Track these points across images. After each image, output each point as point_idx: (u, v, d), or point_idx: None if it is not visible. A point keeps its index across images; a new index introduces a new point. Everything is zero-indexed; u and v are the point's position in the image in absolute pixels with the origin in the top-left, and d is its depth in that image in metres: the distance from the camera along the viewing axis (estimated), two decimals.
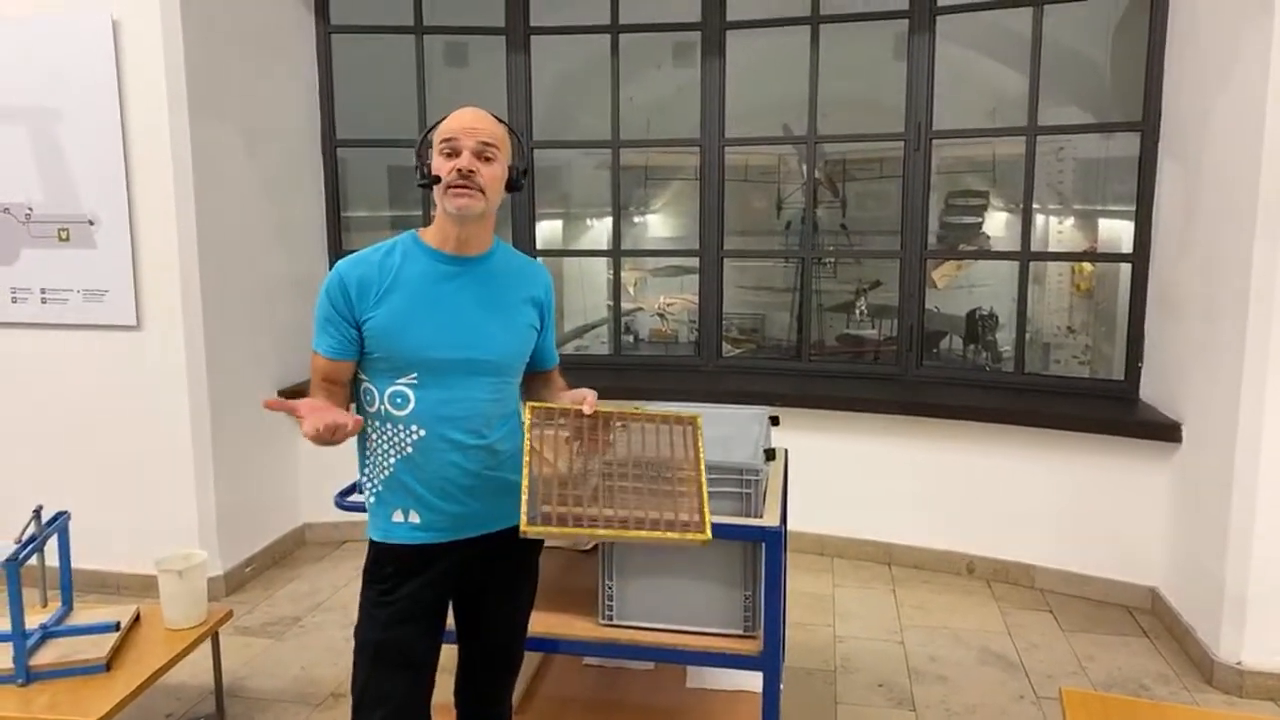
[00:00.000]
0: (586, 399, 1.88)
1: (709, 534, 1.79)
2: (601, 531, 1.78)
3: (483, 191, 1.82)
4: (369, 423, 1.90)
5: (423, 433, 1.85)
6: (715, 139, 4.41)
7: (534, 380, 2.12)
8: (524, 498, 1.74)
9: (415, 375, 1.84)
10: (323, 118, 4.45)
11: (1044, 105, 4.02)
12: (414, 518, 1.89)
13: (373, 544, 1.96)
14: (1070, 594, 3.87)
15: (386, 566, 1.91)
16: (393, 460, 1.88)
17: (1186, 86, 3.55)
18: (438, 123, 1.89)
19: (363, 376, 1.89)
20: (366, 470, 1.94)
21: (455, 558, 1.92)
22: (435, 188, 1.84)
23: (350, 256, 1.90)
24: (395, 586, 1.90)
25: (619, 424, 1.91)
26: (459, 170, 1.80)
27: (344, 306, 1.83)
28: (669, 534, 1.79)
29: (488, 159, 1.83)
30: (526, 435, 1.80)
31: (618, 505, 1.81)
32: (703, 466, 1.88)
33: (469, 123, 1.84)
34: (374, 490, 1.93)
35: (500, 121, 1.91)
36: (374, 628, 1.91)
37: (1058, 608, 3.77)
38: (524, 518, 1.73)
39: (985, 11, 4.10)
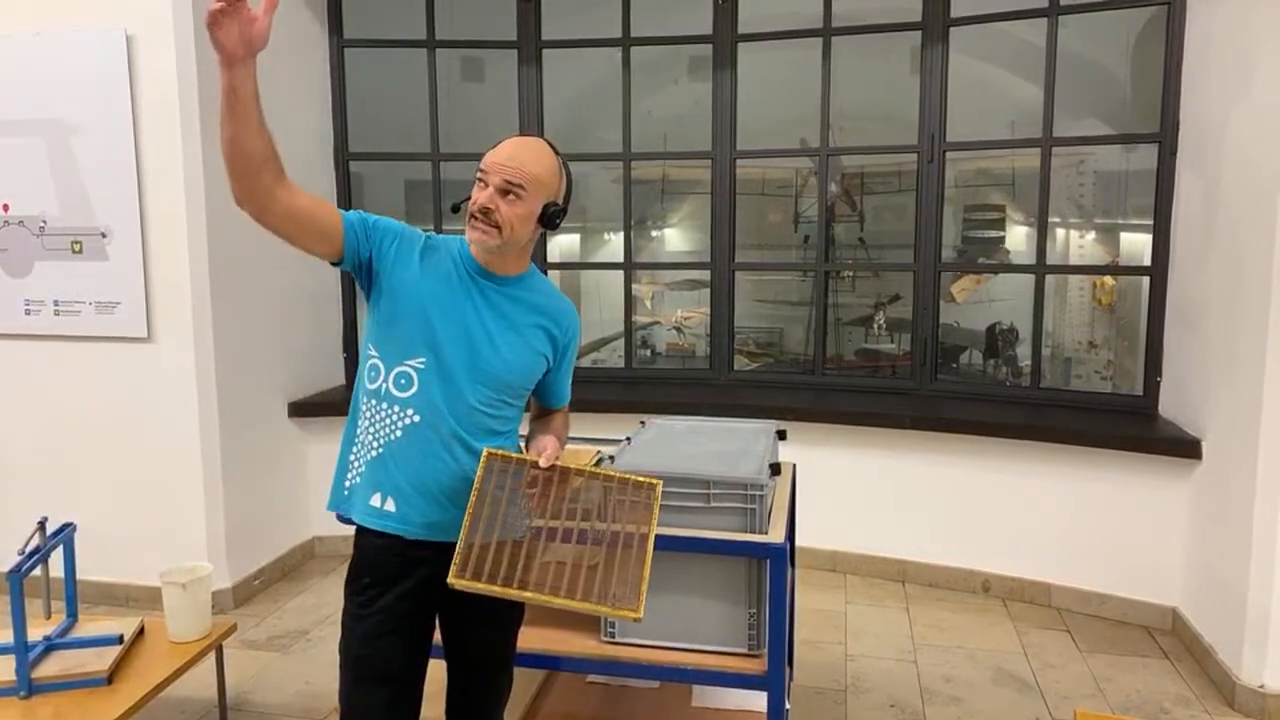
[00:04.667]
0: (545, 451, 1.87)
1: (640, 612, 1.72)
2: (529, 594, 1.72)
3: (498, 228, 1.82)
4: (365, 402, 1.91)
5: (416, 419, 1.85)
6: (726, 151, 4.39)
7: (539, 415, 2.13)
8: (459, 547, 1.72)
9: (423, 360, 1.85)
10: (335, 131, 4.48)
11: (1064, 119, 3.98)
12: (390, 505, 1.88)
13: (354, 552, 1.95)
14: (1088, 613, 3.79)
15: (364, 577, 1.91)
16: (382, 442, 1.87)
17: (1204, 97, 3.50)
18: (499, 142, 1.90)
19: (372, 352, 1.89)
20: (355, 450, 1.93)
21: (434, 567, 1.88)
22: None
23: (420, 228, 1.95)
24: (372, 599, 1.89)
25: (576, 479, 1.87)
26: (479, 205, 1.82)
27: (393, 241, 1.87)
28: (599, 606, 1.74)
29: (510, 197, 1.82)
30: (476, 482, 1.79)
31: (555, 565, 1.77)
32: (652, 537, 1.82)
33: (503, 158, 1.83)
34: (359, 472, 1.92)
35: (555, 154, 1.89)
36: (352, 642, 1.92)
37: (1075, 627, 3.69)
38: (454, 568, 1.71)
39: (1005, 24, 4.07)
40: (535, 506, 1.82)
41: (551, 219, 1.90)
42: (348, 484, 1.94)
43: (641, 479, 1.89)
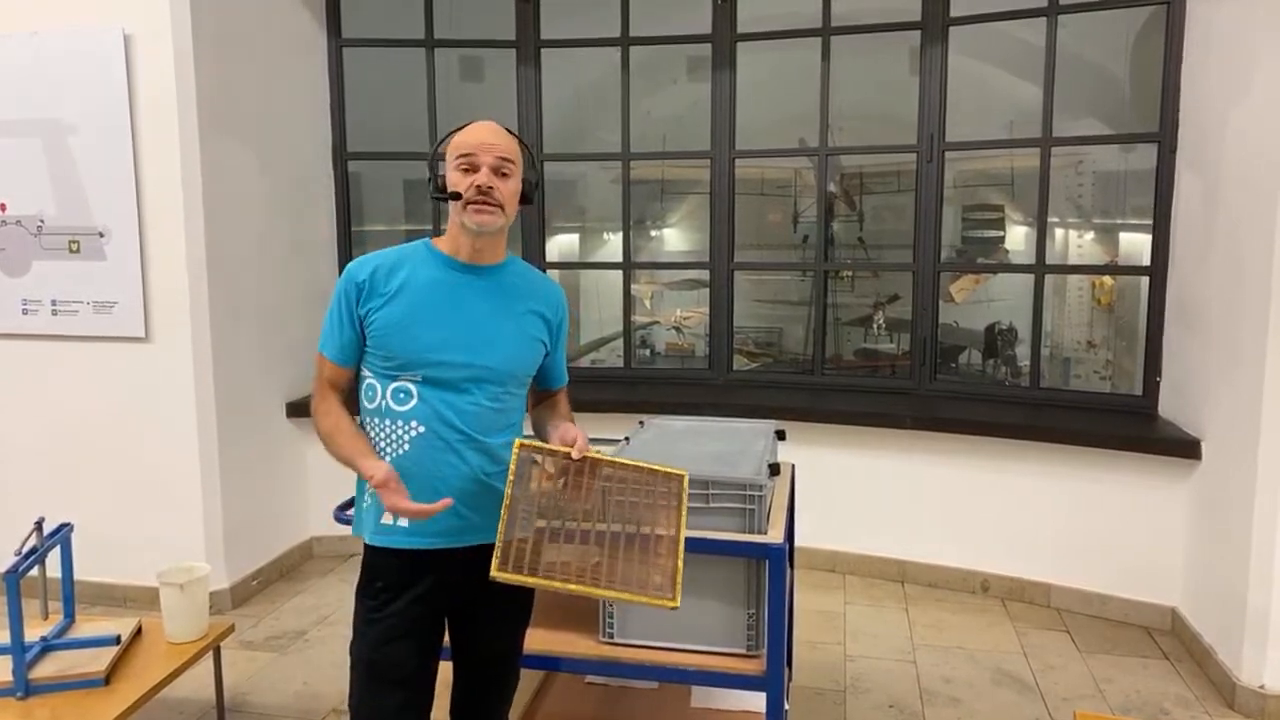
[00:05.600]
0: (576, 441, 1.86)
1: (678, 601, 1.76)
2: (573, 585, 1.74)
3: (501, 207, 1.84)
4: (368, 420, 1.90)
5: (422, 429, 1.85)
6: (725, 151, 4.38)
7: (540, 400, 2.12)
8: (498, 542, 1.72)
9: (420, 375, 1.85)
10: (334, 131, 4.47)
11: (1063, 118, 3.98)
12: (402, 520, 1.87)
13: (365, 556, 1.95)
14: (1087, 614, 3.79)
15: (376, 581, 1.90)
16: (388, 459, 1.86)
17: (1204, 97, 3.49)
18: (450, 134, 1.90)
19: (366, 373, 1.89)
20: None
21: (446, 571, 1.90)
22: (453, 202, 1.85)
23: (363, 256, 1.92)
24: (386, 602, 1.89)
25: (606, 470, 1.88)
26: (478, 187, 1.81)
27: (353, 302, 1.86)
28: (638, 596, 1.77)
29: (504, 175, 1.85)
30: (510, 473, 1.78)
31: (590, 561, 1.79)
32: (683, 527, 1.85)
33: (486, 138, 1.85)
34: (370, 491, 1.90)
35: (512, 134, 1.92)
36: (365, 645, 1.90)
37: (1074, 628, 3.69)
38: (495, 561, 1.70)
39: (1004, 24, 4.06)
40: (568, 497, 1.82)
41: (528, 194, 1.95)
42: (364, 505, 1.94)
43: (670, 470, 1.92)
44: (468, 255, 1.90)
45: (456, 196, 1.83)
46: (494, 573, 1.70)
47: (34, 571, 2.48)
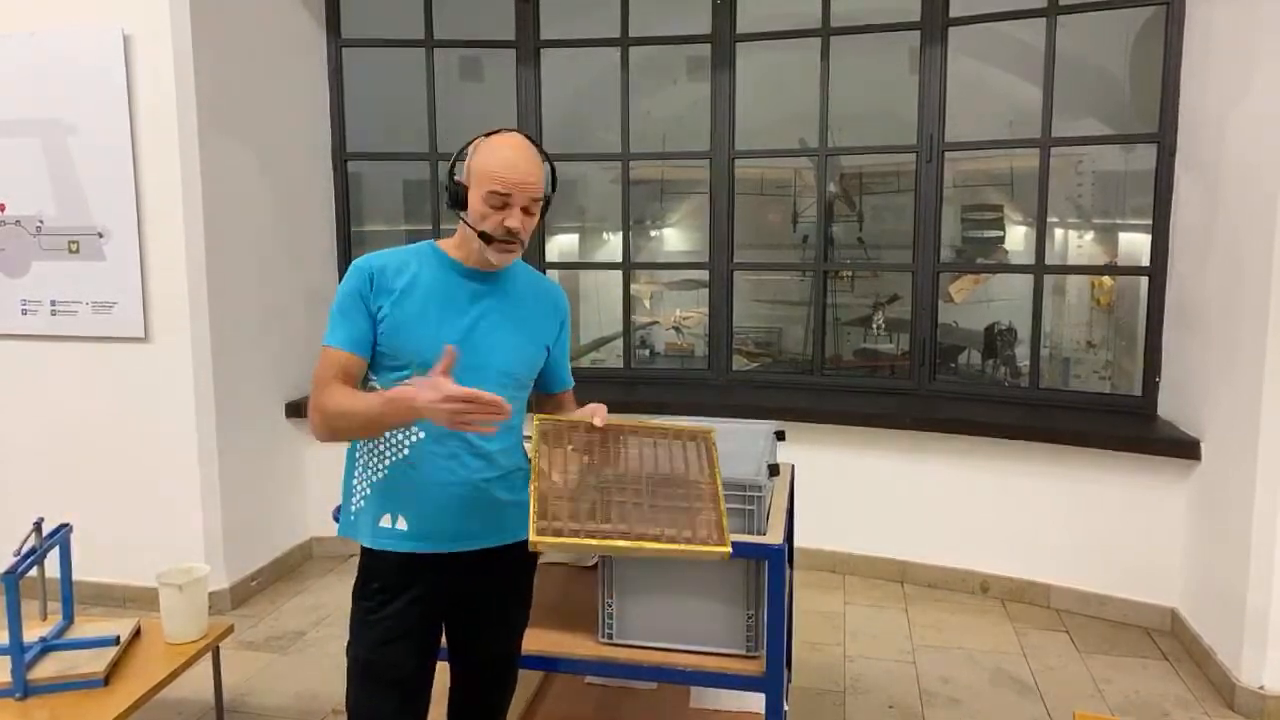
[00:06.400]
0: (597, 412, 1.86)
1: (729, 548, 1.72)
2: (615, 543, 1.70)
3: (522, 243, 1.85)
4: None
5: (422, 435, 1.84)
6: (725, 151, 4.38)
7: (546, 404, 2.12)
8: (532, 509, 1.69)
9: (422, 374, 1.82)
10: (333, 131, 4.47)
11: (1063, 119, 3.98)
12: (401, 524, 1.86)
13: (362, 559, 1.94)
14: (1087, 614, 3.79)
15: (373, 583, 1.89)
16: (388, 463, 1.86)
17: (1203, 97, 3.49)
18: (475, 140, 1.87)
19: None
20: (358, 473, 1.91)
21: (444, 574, 1.89)
22: (472, 227, 1.82)
23: (369, 254, 1.89)
24: (382, 604, 1.88)
25: (631, 437, 1.87)
26: (508, 229, 1.80)
27: (368, 293, 1.82)
28: (686, 546, 1.72)
29: (531, 214, 1.84)
30: (534, 448, 1.77)
31: (631, 520, 1.75)
32: (719, 480, 1.83)
33: (523, 176, 1.79)
34: (363, 494, 1.90)
35: (542, 154, 1.89)
36: (362, 646, 1.90)
37: (1074, 628, 3.69)
38: (532, 528, 1.67)
39: (1004, 24, 4.06)
40: (597, 464, 1.82)
41: (543, 212, 1.93)
42: (354, 508, 1.93)
43: (695, 428, 1.93)
44: (476, 263, 1.89)
45: (486, 237, 1.80)
46: (533, 538, 1.66)
47: (33, 572, 2.48)
